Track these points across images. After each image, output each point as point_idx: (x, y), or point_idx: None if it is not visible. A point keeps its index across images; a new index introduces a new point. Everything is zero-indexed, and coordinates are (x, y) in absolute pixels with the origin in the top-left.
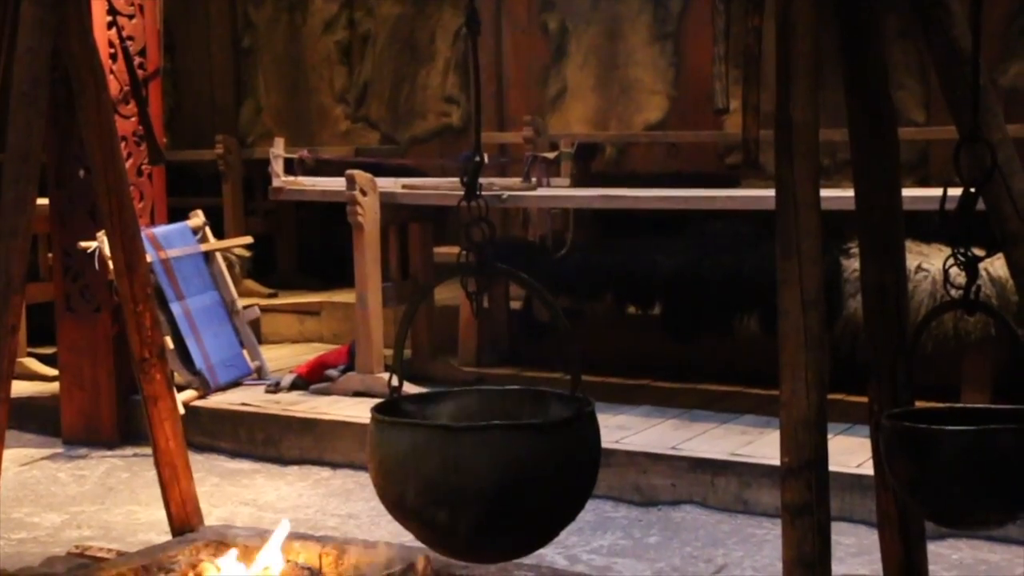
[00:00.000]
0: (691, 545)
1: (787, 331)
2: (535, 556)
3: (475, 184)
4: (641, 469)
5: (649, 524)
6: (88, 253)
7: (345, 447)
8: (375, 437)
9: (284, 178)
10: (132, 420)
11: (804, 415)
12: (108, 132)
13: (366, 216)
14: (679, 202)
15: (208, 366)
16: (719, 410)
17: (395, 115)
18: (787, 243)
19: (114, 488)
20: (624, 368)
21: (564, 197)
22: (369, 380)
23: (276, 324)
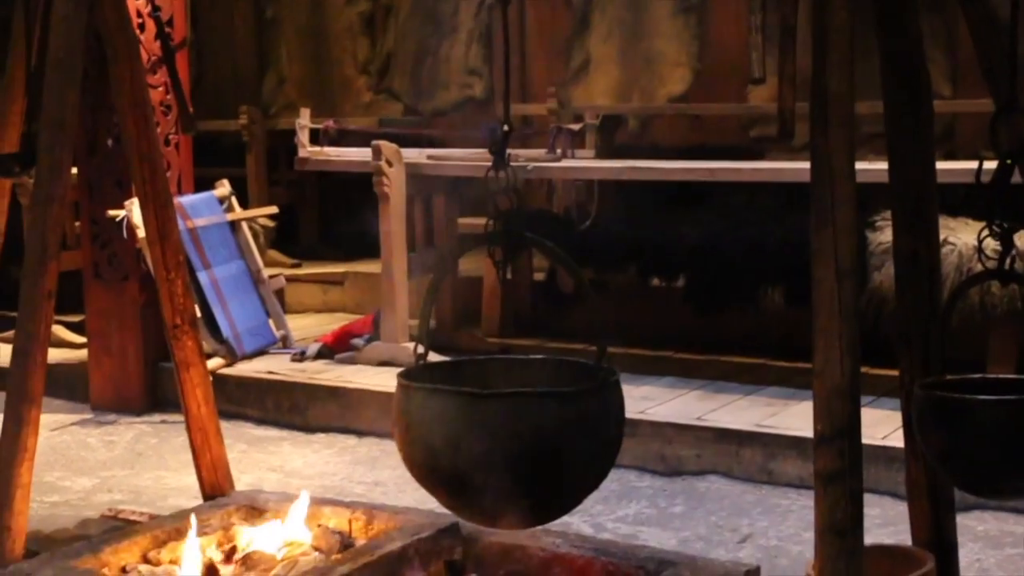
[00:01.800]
0: (716, 515)
1: (821, 300)
2: (561, 523)
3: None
4: (666, 439)
5: (674, 494)
6: (116, 222)
7: (371, 415)
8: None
9: (310, 148)
10: (160, 387)
11: (837, 383)
12: (141, 100)
13: (392, 187)
14: (705, 174)
15: (235, 334)
16: (743, 382)
17: (418, 86)
18: (822, 213)
19: (143, 454)
20: (648, 340)
21: (590, 168)
22: (394, 349)
23: (300, 294)
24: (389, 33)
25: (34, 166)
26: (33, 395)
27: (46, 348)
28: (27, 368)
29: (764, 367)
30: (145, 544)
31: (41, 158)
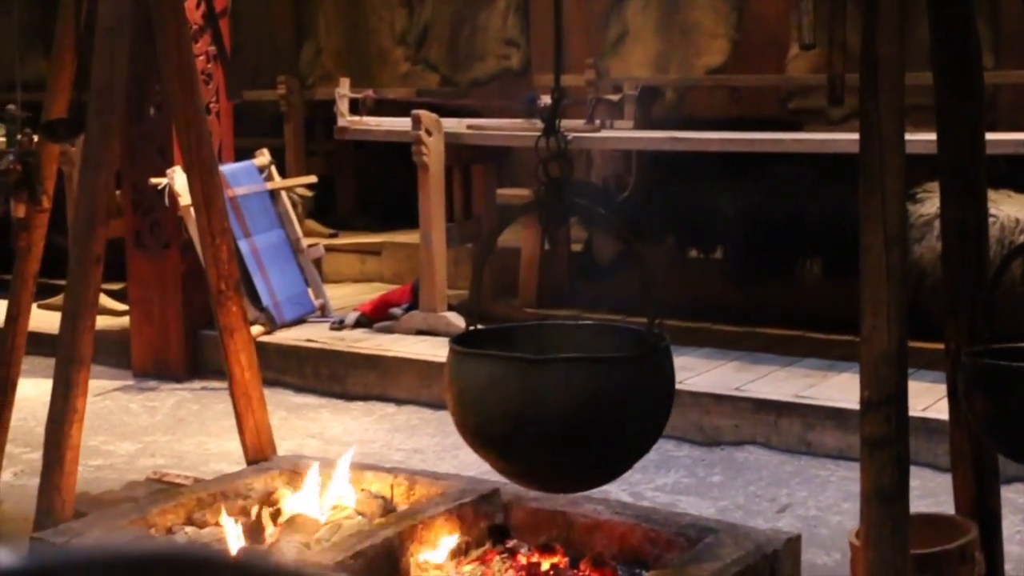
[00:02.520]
0: (754, 484)
1: (869, 267)
2: (600, 492)
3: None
4: (704, 410)
5: (712, 463)
6: (159, 190)
7: (409, 384)
8: (454, 368)
9: (349, 118)
10: (200, 354)
11: (885, 349)
12: (187, 67)
13: (431, 156)
14: (745, 145)
15: (274, 303)
16: (781, 353)
17: (455, 57)
18: (871, 179)
19: (184, 419)
20: (685, 311)
21: (630, 139)
22: (432, 319)
23: (337, 264)
24: (426, 4)
25: (83, 132)
26: (82, 358)
27: (95, 312)
28: (76, 331)
29: (802, 339)
30: (190, 506)
31: (91, 124)
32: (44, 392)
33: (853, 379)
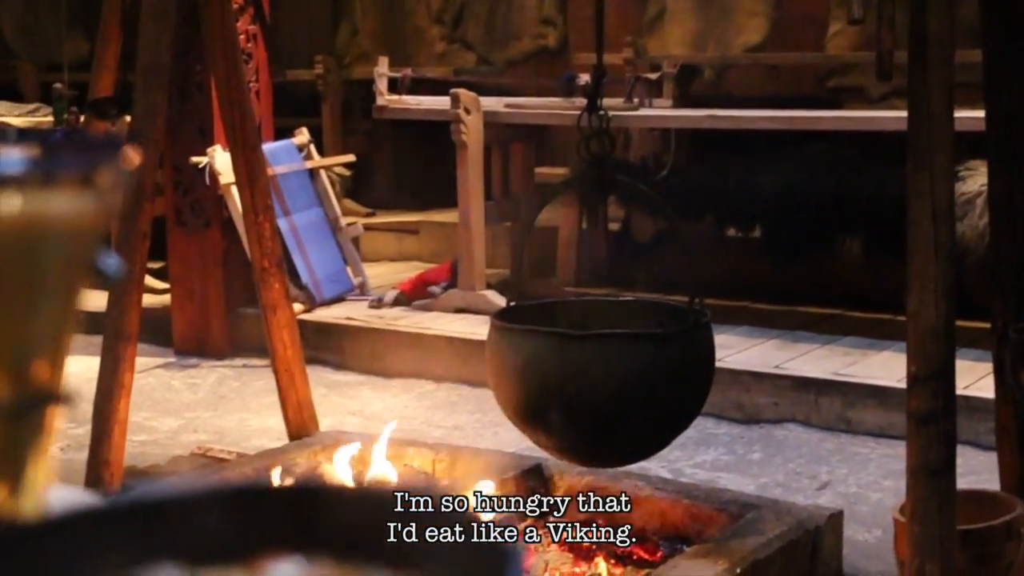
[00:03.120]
0: (794, 462)
1: (917, 242)
2: (639, 468)
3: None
4: (744, 387)
5: (752, 441)
6: (199, 168)
7: (448, 361)
8: (496, 343)
9: (388, 97)
10: (241, 332)
11: (932, 325)
12: (231, 45)
13: (470, 135)
14: (785, 122)
15: (314, 281)
16: (821, 332)
17: (491, 36)
18: (919, 155)
19: (226, 396)
20: (724, 290)
21: (669, 117)
22: (471, 297)
23: (375, 242)
24: None
25: (129, 110)
26: (129, 333)
27: (141, 288)
28: (123, 307)
29: (841, 317)
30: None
31: (137, 101)
32: (87, 368)
33: (893, 357)
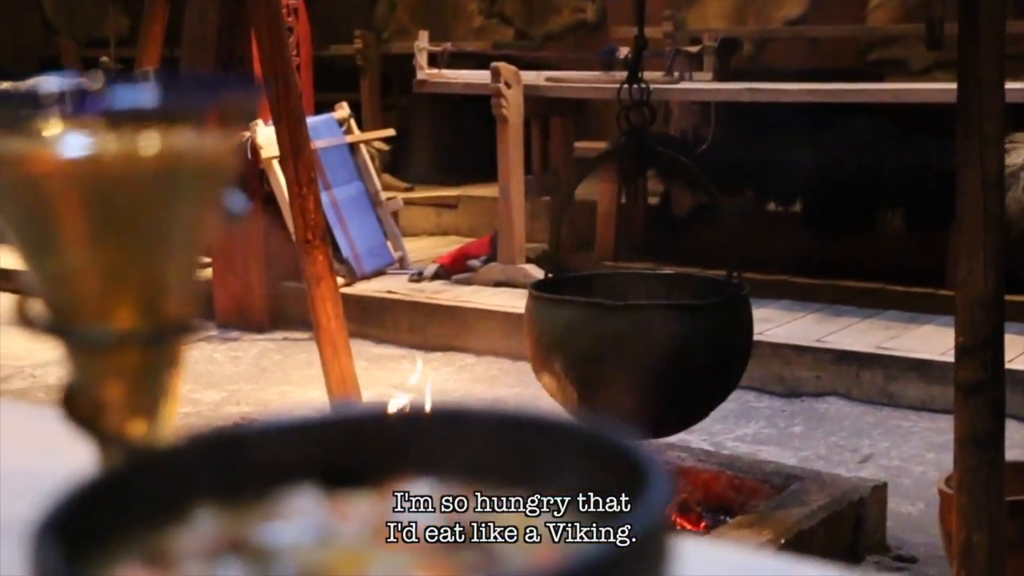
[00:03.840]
0: (836, 435)
1: (966, 212)
2: (679, 440)
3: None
4: (785, 361)
5: (793, 414)
6: (241, 143)
7: (488, 335)
8: (534, 313)
9: (428, 71)
10: (282, 305)
11: (981, 294)
12: (276, 18)
13: (510, 108)
14: (826, 95)
15: (354, 255)
16: (861, 305)
17: (529, 10)
18: (969, 125)
19: (267, 369)
20: (764, 264)
21: (710, 91)
22: (510, 270)
23: (413, 217)
24: None
25: None
26: None
27: None
28: None
29: (883, 291)
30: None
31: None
32: None
33: (935, 331)
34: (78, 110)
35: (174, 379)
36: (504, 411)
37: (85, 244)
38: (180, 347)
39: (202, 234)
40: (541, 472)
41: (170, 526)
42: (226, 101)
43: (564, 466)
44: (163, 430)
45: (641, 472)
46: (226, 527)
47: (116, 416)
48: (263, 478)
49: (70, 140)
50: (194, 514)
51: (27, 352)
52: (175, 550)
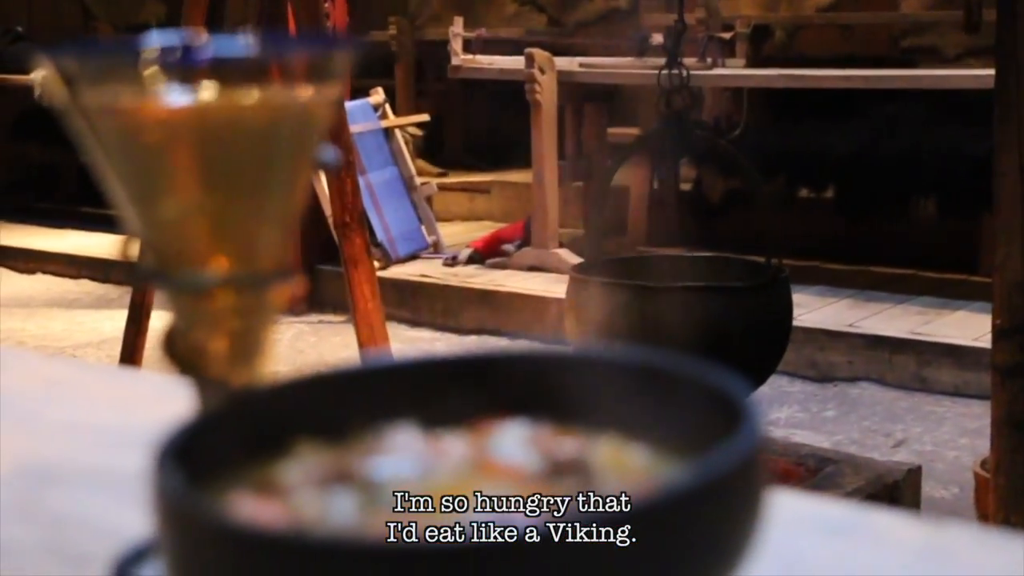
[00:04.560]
0: (869, 420)
1: (1003, 195)
2: None
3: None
4: (818, 346)
5: (826, 399)
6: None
7: (522, 319)
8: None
9: (463, 57)
10: (318, 289)
11: (1019, 277)
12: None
13: (544, 94)
14: (859, 82)
15: (389, 239)
16: (894, 291)
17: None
18: (1006, 107)
19: (303, 351)
20: (796, 250)
21: (743, 77)
22: (544, 255)
23: (447, 202)
24: None
25: None
26: None
27: None
28: None
29: (915, 277)
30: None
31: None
32: None
33: (968, 316)
34: (182, 63)
35: (270, 324)
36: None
37: (188, 192)
38: (276, 293)
39: (298, 183)
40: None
41: (277, 460)
42: (322, 55)
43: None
44: (260, 373)
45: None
46: (331, 461)
47: (215, 359)
48: (364, 417)
49: (174, 91)
50: (299, 449)
51: (67, 333)
52: (285, 481)
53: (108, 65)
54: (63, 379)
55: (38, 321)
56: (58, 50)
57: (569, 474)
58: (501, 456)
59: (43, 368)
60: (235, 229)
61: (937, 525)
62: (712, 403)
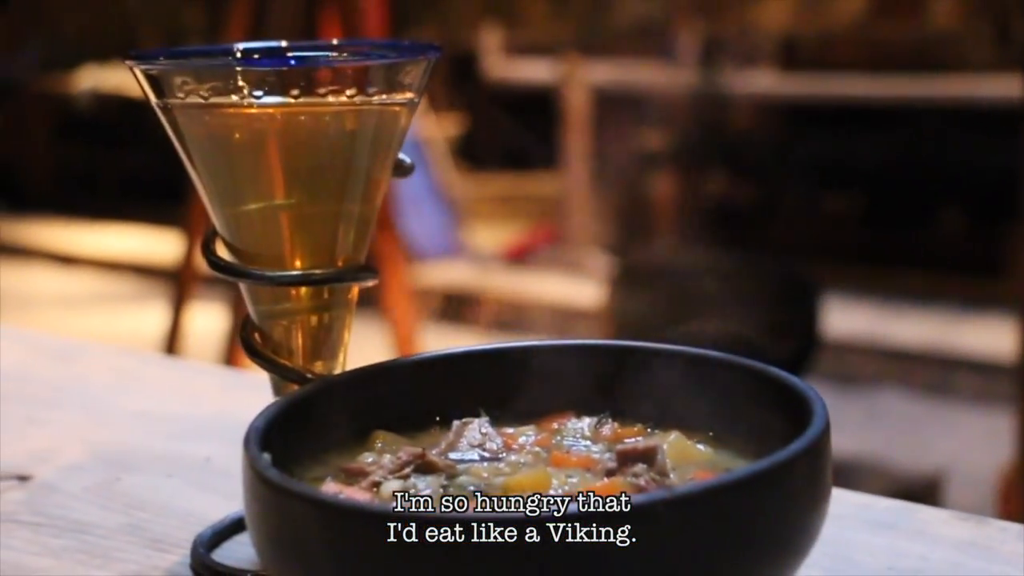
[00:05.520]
0: (892, 426)
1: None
2: None
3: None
4: (841, 352)
5: (848, 405)
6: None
7: (550, 322)
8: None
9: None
10: None
11: None
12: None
13: (575, 101)
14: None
15: (419, 241)
16: (918, 298)
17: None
18: None
19: None
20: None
21: (772, 87)
22: (573, 259)
23: (477, 206)
24: None
25: None
26: None
27: None
28: None
29: (940, 284)
30: None
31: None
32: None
33: (993, 324)
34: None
35: (347, 319)
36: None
37: (272, 192)
38: (354, 289)
39: (377, 186)
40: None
41: (356, 447)
42: (402, 62)
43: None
44: (337, 365)
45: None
46: (407, 449)
47: (293, 352)
48: (437, 406)
49: (262, 95)
50: (376, 437)
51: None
52: (366, 466)
53: (198, 69)
54: (131, 370)
55: (78, 316)
56: (149, 55)
57: (638, 465)
58: (571, 448)
59: (111, 359)
60: (315, 228)
61: (979, 521)
62: (778, 397)
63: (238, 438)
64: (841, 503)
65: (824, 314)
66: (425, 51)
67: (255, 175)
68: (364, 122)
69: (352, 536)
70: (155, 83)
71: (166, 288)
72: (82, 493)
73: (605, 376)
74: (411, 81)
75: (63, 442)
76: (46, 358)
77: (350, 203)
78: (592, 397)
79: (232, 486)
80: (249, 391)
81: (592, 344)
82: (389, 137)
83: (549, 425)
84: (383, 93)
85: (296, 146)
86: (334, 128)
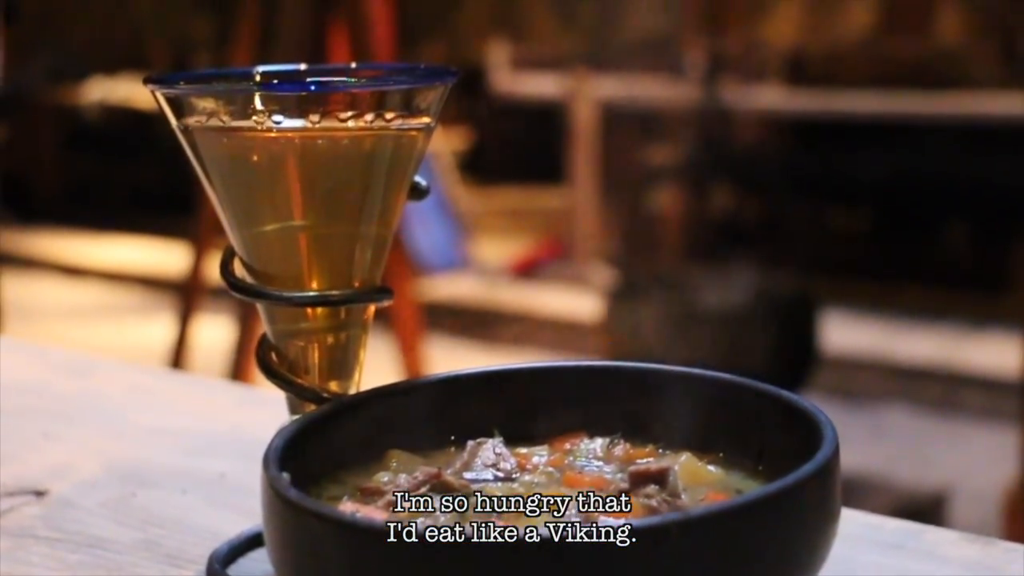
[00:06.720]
0: (897, 443)
1: None
2: None
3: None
4: (848, 368)
5: (854, 421)
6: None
7: (556, 336)
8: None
9: (502, 77)
10: None
11: None
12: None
13: (582, 115)
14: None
15: (425, 255)
16: (925, 314)
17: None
18: None
19: None
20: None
21: (778, 103)
22: (579, 274)
23: (484, 220)
24: None
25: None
26: None
27: None
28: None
29: (947, 300)
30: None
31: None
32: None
33: (999, 340)
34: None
35: (363, 338)
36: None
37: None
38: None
39: (393, 208)
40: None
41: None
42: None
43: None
44: (352, 384)
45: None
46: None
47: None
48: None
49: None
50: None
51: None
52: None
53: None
54: (145, 385)
55: (86, 328)
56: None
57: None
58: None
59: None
60: (332, 249)
61: (987, 543)
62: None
63: (253, 454)
64: (850, 523)
65: (822, 330)
66: (442, 76)
67: (273, 197)
68: (381, 146)
69: (368, 554)
70: (175, 105)
71: (173, 300)
72: (98, 508)
73: (617, 397)
74: (428, 106)
75: (79, 457)
76: (60, 373)
77: (367, 225)
78: (604, 418)
79: (247, 502)
80: (263, 407)
81: (604, 365)
82: (406, 161)
83: (562, 446)
84: (400, 118)
85: (314, 169)
86: (352, 152)
